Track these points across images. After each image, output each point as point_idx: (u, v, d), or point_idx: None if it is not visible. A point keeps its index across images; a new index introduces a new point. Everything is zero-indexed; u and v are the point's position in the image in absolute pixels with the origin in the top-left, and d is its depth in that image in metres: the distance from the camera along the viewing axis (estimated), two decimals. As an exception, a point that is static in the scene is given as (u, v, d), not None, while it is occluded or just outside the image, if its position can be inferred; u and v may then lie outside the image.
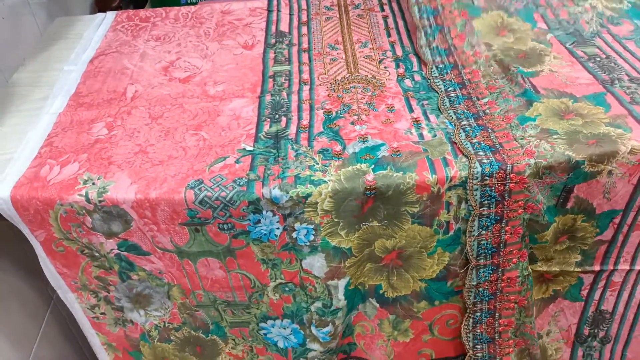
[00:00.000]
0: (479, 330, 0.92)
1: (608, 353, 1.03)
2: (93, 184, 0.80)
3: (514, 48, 1.00)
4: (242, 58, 1.08)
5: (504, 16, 1.06)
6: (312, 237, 0.81)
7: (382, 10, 1.21)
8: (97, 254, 0.86)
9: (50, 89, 1.03)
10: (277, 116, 0.91)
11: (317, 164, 0.81)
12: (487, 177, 0.77)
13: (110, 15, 1.26)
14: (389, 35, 1.12)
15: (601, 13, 1.04)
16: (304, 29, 1.16)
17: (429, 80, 0.97)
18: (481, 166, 0.77)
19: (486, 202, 0.79)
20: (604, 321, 0.98)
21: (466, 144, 0.81)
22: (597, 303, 0.95)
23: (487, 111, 0.88)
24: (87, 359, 1.20)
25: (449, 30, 1.04)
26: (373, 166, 0.79)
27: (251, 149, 0.85)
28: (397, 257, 0.86)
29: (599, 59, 0.95)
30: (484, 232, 0.81)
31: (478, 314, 0.90)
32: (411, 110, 0.90)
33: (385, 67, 1.02)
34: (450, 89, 0.94)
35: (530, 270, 0.86)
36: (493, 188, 0.77)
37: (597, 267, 0.90)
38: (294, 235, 0.81)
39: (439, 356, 1.00)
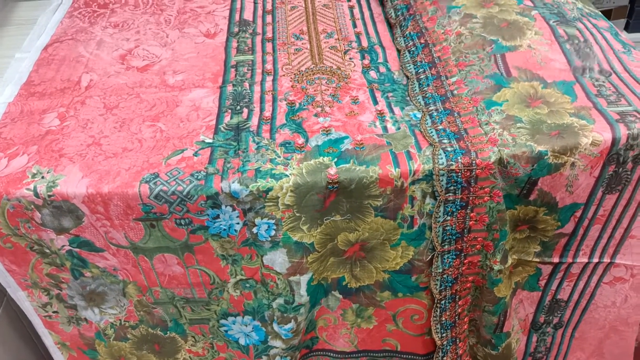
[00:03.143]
0: (444, 318, 0.92)
1: (559, 337, 1.05)
2: (42, 177, 0.77)
3: (498, 17, 1.00)
4: (204, 47, 1.05)
5: None
6: (273, 233, 0.79)
7: (349, 0, 1.19)
8: (47, 251, 0.82)
9: (0, 77, 0.98)
10: (238, 107, 0.89)
11: (279, 157, 0.79)
12: (452, 164, 0.76)
13: (67, 0, 1.21)
14: (354, 25, 1.10)
15: (580, 9, 1.05)
16: (269, 18, 1.13)
17: (401, 67, 0.97)
18: (445, 153, 0.76)
19: (452, 187, 0.78)
20: (559, 309, 1.00)
21: (431, 132, 0.81)
22: (554, 292, 0.96)
23: (455, 92, 0.88)
24: (43, 358, 1.16)
25: (420, 16, 1.04)
26: (336, 159, 0.78)
27: (211, 141, 0.82)
28: (360, 249, 0.85)
29: (577, 41, 0.95)
30: (449, 217, 0.81)
31: (443, 301, 0.90)
32: (376, 102, 0.89)
33: (350, 58, 1.00)
34: (420, 70, 0.94)
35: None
36: (459, 174, 0.77)
37: (555, 259, 0.90)
38: (255, 230, 0.79)
39: (405, 349, 1.00)
